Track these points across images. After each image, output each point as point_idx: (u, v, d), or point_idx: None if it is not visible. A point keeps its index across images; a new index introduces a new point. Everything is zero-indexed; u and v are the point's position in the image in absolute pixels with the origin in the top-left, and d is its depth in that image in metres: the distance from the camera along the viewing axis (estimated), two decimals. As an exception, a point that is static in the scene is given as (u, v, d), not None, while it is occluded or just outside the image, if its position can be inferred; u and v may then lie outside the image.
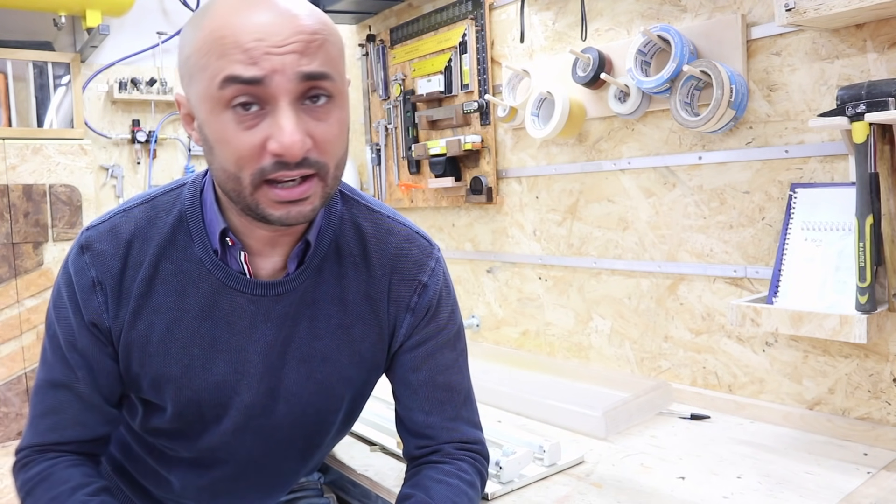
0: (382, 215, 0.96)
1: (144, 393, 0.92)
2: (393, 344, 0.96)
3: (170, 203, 0.89)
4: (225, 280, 0.87)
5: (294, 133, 0.72)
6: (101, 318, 0.86)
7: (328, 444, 1.06)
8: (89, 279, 0.86)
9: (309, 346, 0.92)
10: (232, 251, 0.87)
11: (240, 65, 0.71)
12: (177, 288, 0.87)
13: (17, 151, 2.07)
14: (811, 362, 1.34)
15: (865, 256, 1.13)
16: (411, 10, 2.23)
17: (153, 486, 1.06)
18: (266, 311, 0.89)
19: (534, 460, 1.20)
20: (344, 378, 0.95)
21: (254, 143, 0.74)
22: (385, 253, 0.94)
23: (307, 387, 0.93)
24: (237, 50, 0.72)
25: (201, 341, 0.88)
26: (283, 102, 0.73)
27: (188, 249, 0.87)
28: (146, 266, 0.86)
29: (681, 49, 1.41)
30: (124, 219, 0.88)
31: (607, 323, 1.72)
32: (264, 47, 0.71)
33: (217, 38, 0.73)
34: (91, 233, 0.87)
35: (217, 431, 0.94)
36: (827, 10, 1.12)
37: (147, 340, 0.87)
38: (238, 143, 0.74)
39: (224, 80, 0.72)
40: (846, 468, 1.15)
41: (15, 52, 2.24)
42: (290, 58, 0.72)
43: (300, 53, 0.72)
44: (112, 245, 0.86)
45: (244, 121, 0.73)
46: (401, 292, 0.94)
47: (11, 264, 2.05)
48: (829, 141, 1.29)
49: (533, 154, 1.88)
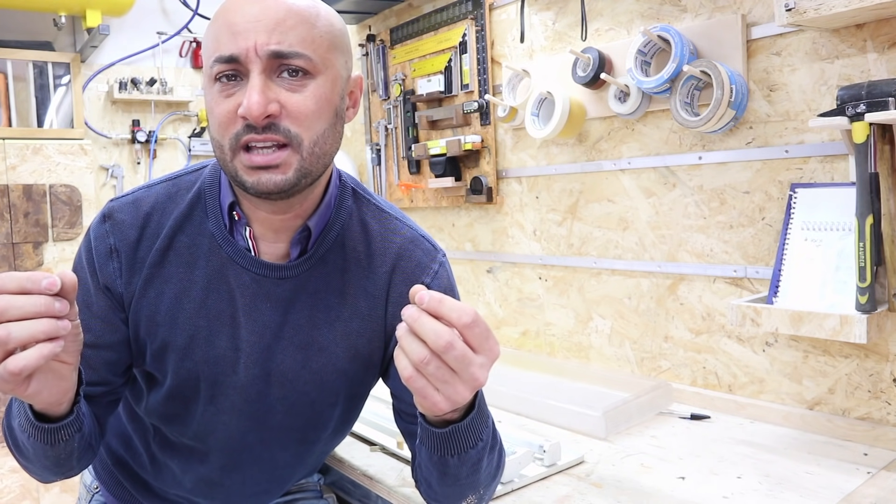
0: (390, 216, 0.98)
1: (147, 363, 0.94)
2: (391, 345, 0.96)
3: (191, 182, 0.95)
4: (232, 255, 0.91)
5: (257, 95, 0.77)
6: (114, 283, 0.91)
7: (325, 442, 1.06)
8: (107, 246, 0.91)
9: (307, 333, 0.93)
10: (238, 227, 0.91)
11: (225, 44, 0.79)
12: (188, 259, 0.91)
13: (18, 151, 2.07)
14: (811, 362, 1.34)
15: (865, 256, 1.13)
16: (411, 10, 2.23)
17: (153, 478, 1.07)
18: (267, 292, 0.91)
19: (534, 460, 1.20)
20: (339, 370, 0.95)
21: (229, 108, 0.80)
22: (388, 252, 0.95)
23: (301, 375, 0.94)
24: (225, 30, 0.80)
25: (207, 313, 0.91)
26: (254, 73, 0.79)
27: (202, 224, 0.92)
28: (162, 237, 0.91)
29: (681, 49, 1.41)
30: (147, 193, 0.94)
31: (607, 323, 1.72)
32: (243, 22, 0.79)
33: (214, 22, 0.82)
34: (114, 203, 0.93)
35: (211, 412, 0.96)
36: (827, 10, 1.13)
37: (156, 309, 0.91)
38: (218, 111, 0.81)
39: (213, 61, 0.80)
40: (846, 468, 1.15)
41: (15, 52, 2.24)
42: (261, 36, 0.78)
43: (271, 31, 0.78)
44: (132, 216, 0.92)
45: (225, 90, 0.81)
46: (402, 293, 0.94)
47: (11, 264, 2.05)
48: (829, 141, 1.29)
49: (533, 154, 1.88)
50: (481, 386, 0.69)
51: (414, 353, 0.67)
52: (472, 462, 0.81)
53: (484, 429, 0.81)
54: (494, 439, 0.86)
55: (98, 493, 1.15)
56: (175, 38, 2.60)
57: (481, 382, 0.69)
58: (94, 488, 1.15)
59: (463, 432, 0.78)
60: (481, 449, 0.81)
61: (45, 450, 0.81)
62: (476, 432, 0.79)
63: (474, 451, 0.80)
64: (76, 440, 0.82)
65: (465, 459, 0.80)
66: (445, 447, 0.79)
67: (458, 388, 0.68)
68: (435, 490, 0.87)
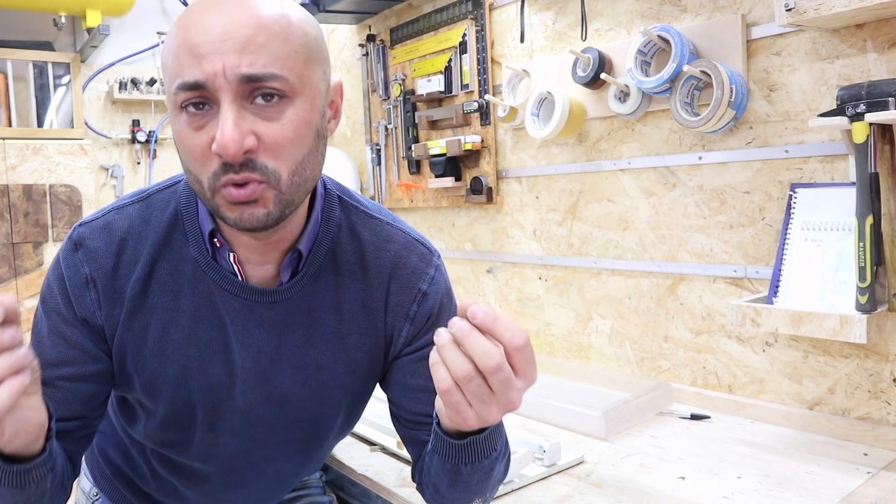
0: (381, 221, 0.94)
1: (137, 393, 0.90)
2: (390, 353, 0.94)
3: (164, 201, 0.88)
4: (219, 282, 0.86)
5: (230, 131, 0.70)
6: (93, 315, 0.85)
7: (328, 447, 1.05)
8: (82, 276, 0.84)
9: (304, 354, 0.90)
10: (221, 252, 0.86)
11: (188, 68, 0.71)
12: (172, 287, 0.86)
13: (18, 151, 2.07)
14: (811, 362, 1.34)
15: (865, 256, 1.13)
16: (411, 10, 2.23)
17: (155, 491, 1.05)
18: (259, 317, 0.87)
19: (534, 460, 1.20)
20: (340, 386, 0.93)
21: (203, 143, 0.73)
22: (383, 262, 0.91)
23: (302, 394, 0.92)
24: (186, 52, 0.71)
25: (198, 342, 0.87)
26: (225, 102, 0.71)
27: (183, 249, 0.86)
28: (141, 266, 0.85)
29: (681, 49, 1.41)
30: (118, 216, 0.87)
31: (607, 323, 1.72)
32: (207, 44, 0.70)
33: (173, 39, 0.74)
34: (84, 229, 0.86)
35: (211, 437, 0.93)
36: (827, 10, 1.13)
37: (142, 342, 0.86)
38: (190, 145, 0.74)
39: (177, 88, 0.72)
40: (846, 468, 1.15)
41: (15, 52, 2.24)
42: (230, 57, 0.70)
43: (240, 52, 0.70)
44: (105, 242, 0.85)
45: (194, 121, 0.73)
46: (399, 301, 0.92)
47: (11, 264, 2.05)
48: (829, 141, 1.29)
49: (533, 154, 1.88)
50: (514, 410, 0.67)
51: (458, 368, 0.64)
52: (485, 470, 0.81)
53: (499, 439, 0.80)
54: (506, 448, 0.86)
55: (98, 501, 1.14)
56: (175, 38, 2.60)
57: (516, 406, 0.66)
58: (94, 495, 1.14)
59: (480, 444, 0.77)
60: (494, 459, 0.81)
61: (14, 494, 0.74)
62: (492, 443, 0.78)
63: (488, 461, 0.80)
64: (48, 480, 0.77)
65: (477, 468, 0.79)
66: (460, 457, 0.78)
67: (493, 409, 0.66)
68: (442, 494, 0.86)
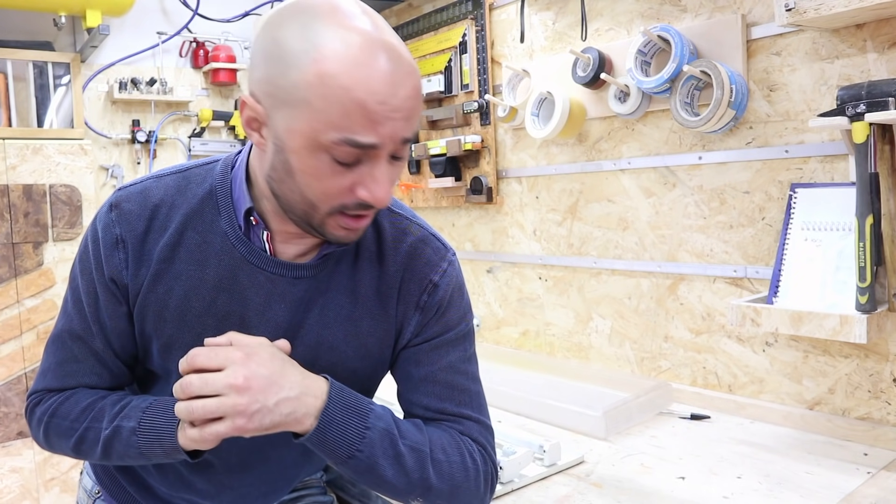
0: (402, 216, 0.99)
1: (153, 358, 0.94)
2: (400, 341, 0.97)
3: (201, 176, 0.93)
4: (247, 255, 0.90)
5: (387, 189, 0.80)
6: (120, 274, 0.90)
7: None
8: (113, 236, 0.90)
9: (317, 333, 0.94)
10: (255, 229, 0.91)
11: (361, 128, 0.75)
12: (199, 258, 0.90)
13: (18, 151, 2.07)
14: (811, 362, 1.34)
15: (865, 256, 1.13)
16: (411, 10, 2.23)
17: (158, 482, 1.06)
18: (282, 292, 0.92)
19: (534, 460, 1.20)
20: (348, 369, 0.96)
21: (343, 185, 0.79)
22: (399, 252, 0.96)
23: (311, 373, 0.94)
24: (359, 113, 0.74)
25: (216, 313, 0.91)
26: (383, 160, 0.79)
27: (214, 222, 0.91)
28: (171, 232, 0.90)
29: (681, 49, 1.41)
30: (156, 184, 0.93)
31: (607, 323, 1.72)
32: (385, 112, 0.75)
33: (338, 90, 0.74)
34: (122, 192, 0.92)
35: None
36: (827, 10, 1.13)
37: (164, 305, 0.91)
38: (329, 184, 0.79)
39: (342, 140, 0.75)
40: (846, 468, 1.15)
41: (15, 52, 2.24)
42: (400, 124, 0.77)
43: (407, 119, 0.77)
44: (139, 206, 0.90)
45: (341, 166, 0.78)
46: (411, 290, 0.95)
47: (11, 264, 2.05)
48: (829, 141, 1.29)
49: (533, 154, 1.88)
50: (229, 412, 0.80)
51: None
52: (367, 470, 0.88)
53: (359, 442, 0.86)
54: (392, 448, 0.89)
55: (100, 498, 1.14)
56: (175, 38, 2.60)
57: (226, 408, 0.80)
58: (96, 493, 1.14)
59: (319, 447, 0.85)
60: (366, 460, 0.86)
61: (138, 460, 0.90)
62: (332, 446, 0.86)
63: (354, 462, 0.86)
64: None
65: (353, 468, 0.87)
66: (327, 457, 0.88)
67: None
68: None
